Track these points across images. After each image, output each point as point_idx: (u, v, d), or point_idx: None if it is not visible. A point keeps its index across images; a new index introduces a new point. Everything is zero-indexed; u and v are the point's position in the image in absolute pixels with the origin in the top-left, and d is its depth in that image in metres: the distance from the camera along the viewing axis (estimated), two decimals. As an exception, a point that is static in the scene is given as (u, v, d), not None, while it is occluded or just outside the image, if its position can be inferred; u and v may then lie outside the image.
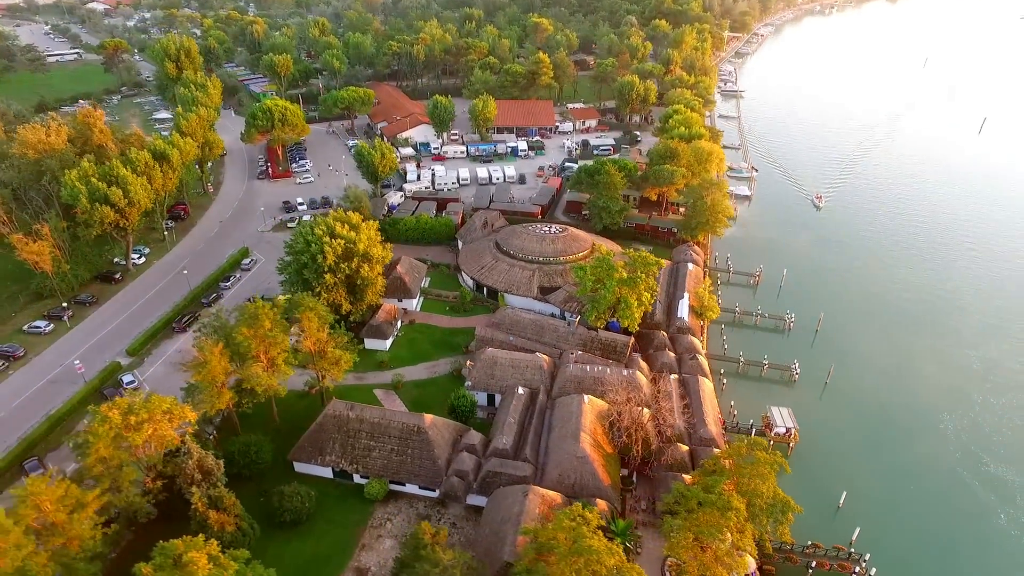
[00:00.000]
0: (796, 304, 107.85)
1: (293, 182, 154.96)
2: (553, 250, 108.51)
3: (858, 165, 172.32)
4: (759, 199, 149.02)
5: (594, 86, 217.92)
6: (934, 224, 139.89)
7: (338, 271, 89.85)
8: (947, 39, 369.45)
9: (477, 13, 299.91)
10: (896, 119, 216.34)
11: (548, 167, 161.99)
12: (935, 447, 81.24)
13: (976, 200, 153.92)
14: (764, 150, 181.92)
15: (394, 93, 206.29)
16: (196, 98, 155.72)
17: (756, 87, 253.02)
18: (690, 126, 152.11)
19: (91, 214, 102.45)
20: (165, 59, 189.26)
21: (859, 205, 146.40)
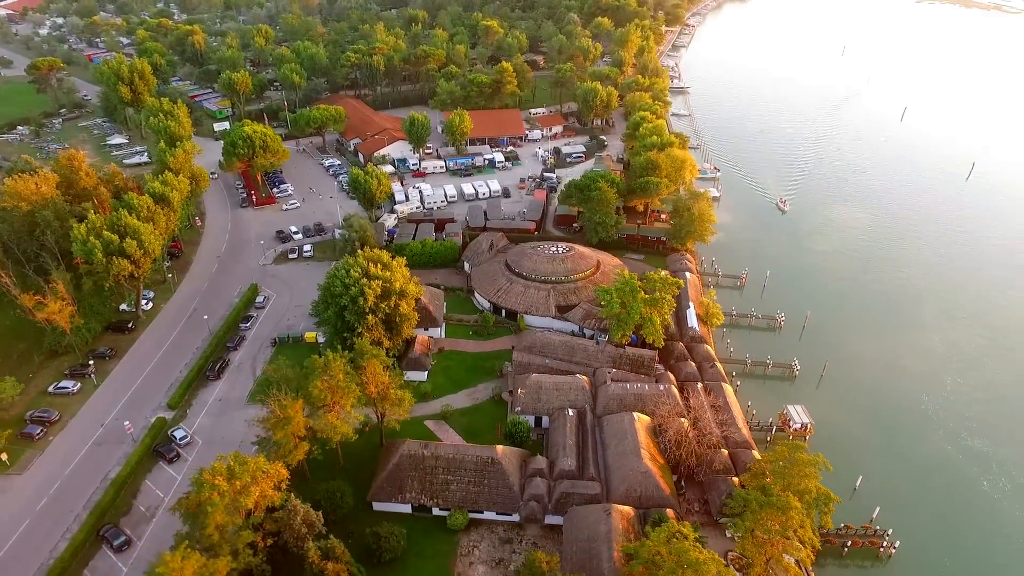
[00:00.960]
0: (781, 303, 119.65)
1: (279, 209, 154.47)
2: (564, 269, 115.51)
3: (810, 163, 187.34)
4: (726, 201, 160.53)
5: (553, 90, 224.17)
6: (882, 218, 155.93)
7: (378, 311, 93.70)
8: (856, 23, 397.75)
9: (421, 15, 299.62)
10: (834, 111, 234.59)
11: (529, 178, 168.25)
12: (922, 427, 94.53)
13: (912, 190, 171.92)
14: (719, 148, 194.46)
15: (359, 106, 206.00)
16: (168, 127, 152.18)
17: (699, 81, 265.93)
18: (660, 134, 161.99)
19: (108, 268, 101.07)
20: (118, 83, 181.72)
21: (818, 207, 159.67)
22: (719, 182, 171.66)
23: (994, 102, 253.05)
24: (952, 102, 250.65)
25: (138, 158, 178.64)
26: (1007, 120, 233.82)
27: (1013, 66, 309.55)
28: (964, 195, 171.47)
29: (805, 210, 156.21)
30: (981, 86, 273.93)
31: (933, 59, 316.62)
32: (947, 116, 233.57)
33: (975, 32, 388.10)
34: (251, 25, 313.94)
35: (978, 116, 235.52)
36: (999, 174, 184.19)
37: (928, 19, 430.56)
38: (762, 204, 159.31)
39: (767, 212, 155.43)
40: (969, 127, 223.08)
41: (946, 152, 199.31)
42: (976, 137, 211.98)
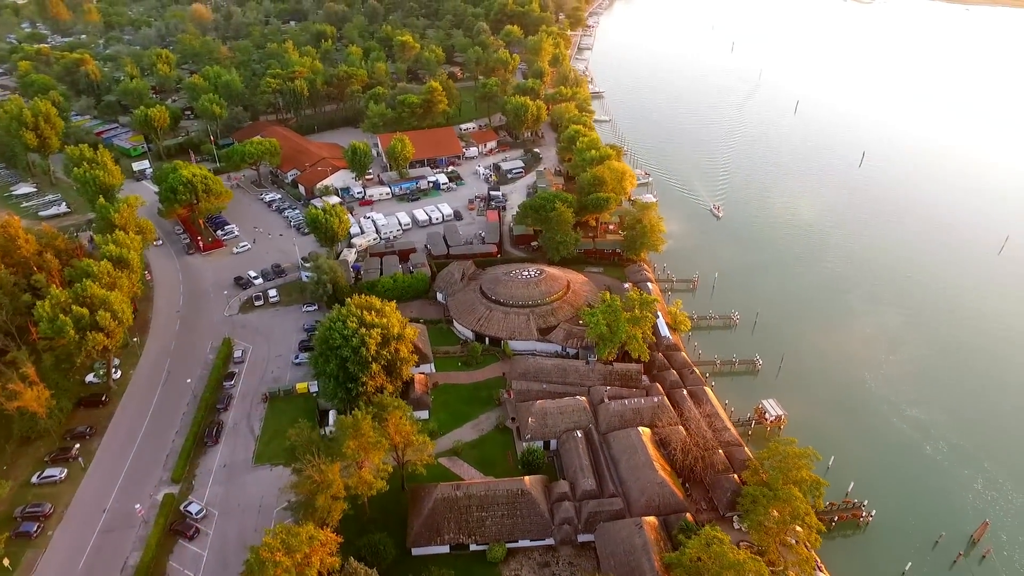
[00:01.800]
0: (732, 302, 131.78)
1: (229, 252, 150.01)
2: (539, 292, 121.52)
3: (728, 162, 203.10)
4: (663, 208, 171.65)
5: (480, 104, 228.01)
6: (800, 212, 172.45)
7: (380, 358, 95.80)
8: (733, 12, 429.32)
9: (329, 30, 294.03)
10: (738, 109, 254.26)
11: (477, 199, 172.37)
12: (870, 404, 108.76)
13: (816, 181, 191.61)
14: (643, 152, 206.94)
15: (287, 134, 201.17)
16: (96, 177, 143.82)
17: (609, 83, 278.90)
18: (597, 147, 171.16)
19: (81, 344, 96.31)
20: (22, 129, 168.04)
21: (747, 210, 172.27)
22: (652, 187, 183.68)
23: (871, 87, 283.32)
24: (835, 91, 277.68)
25: (55, 208, 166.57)
26: (887, 104, 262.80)
27: (877, 52, 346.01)
28: (861, 180, 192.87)
29: (737, 214, 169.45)
30: (859, 73, 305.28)
31: (811, 49, 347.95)
32: (833, 105, 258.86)
33: (838, 22, 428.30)
34: (144, 49, 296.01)
35: (861, 103, 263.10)
36: (887, 157, 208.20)
37: (792, 9, 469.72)
38: (697, 210, 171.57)
39: (703, 218, 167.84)
40: (855, 115, 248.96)
41: (838, 141, 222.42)
42: (863, 125, 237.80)
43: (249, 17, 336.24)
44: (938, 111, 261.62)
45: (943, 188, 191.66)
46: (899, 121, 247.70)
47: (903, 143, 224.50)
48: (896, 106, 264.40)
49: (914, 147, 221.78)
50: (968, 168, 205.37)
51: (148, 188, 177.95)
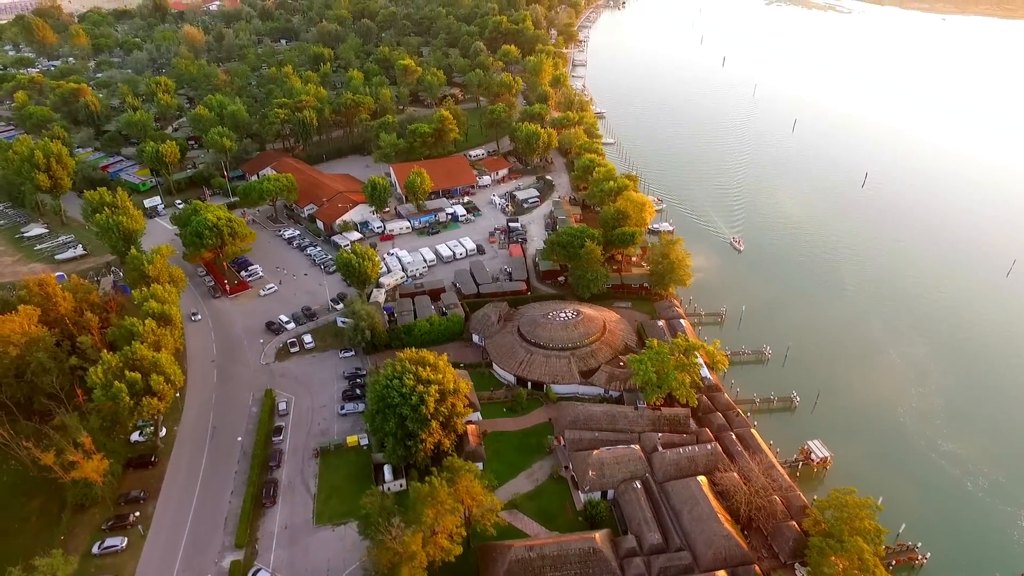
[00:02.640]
0: (759, 336, 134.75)
1: (256, 294, 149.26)
2: (578, 335, 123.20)
3: (738, 186, 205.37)
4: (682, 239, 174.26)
5: (486, 129, 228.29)
6: (815, 242, 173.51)
7: (438, 415, 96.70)
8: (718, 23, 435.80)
9: (327, 52, 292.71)
10: (739, 127, 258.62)
11: (497, 231, 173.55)
12: (907, 441, 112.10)
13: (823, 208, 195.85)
14: (652, 175, 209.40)
15: (298, 166, 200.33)
16: (120, 224, 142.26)
17: (608, 101, 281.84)
18: (614, 177, 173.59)
19: (137, 410, 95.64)
20: (34, 171, 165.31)
21: (766, 241, 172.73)
22: (666, 213, 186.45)
23: (864, 101, 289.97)
24: (830, 106, 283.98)
25: (72, 251, 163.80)
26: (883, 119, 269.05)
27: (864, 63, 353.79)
28: (865, 202, 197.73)
29: (756, 244, 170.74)
30: (849, 86, 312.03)
31: (800, 62, 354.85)
32: (830, 122, 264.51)
33: (820, 31, 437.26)
34: (137, 74, 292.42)
35: (856, 118, 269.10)
36: (888, 175, 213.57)
37: (779, 19, 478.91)
38: (715, 241, 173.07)
39: (723, 250, 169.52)
40: (852, 131, 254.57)
41: (839, 160, 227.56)
42: (861, 142, 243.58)
43: (242, 39, 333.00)
44: (932, 124, 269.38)
45: (945, 206, 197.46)
46: (896, 136, 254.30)
47: (902, 160, 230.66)
48: (891, 120, 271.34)
49: (913, 164, 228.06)
50: (969, 185, 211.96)
51: (162, 225, 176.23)
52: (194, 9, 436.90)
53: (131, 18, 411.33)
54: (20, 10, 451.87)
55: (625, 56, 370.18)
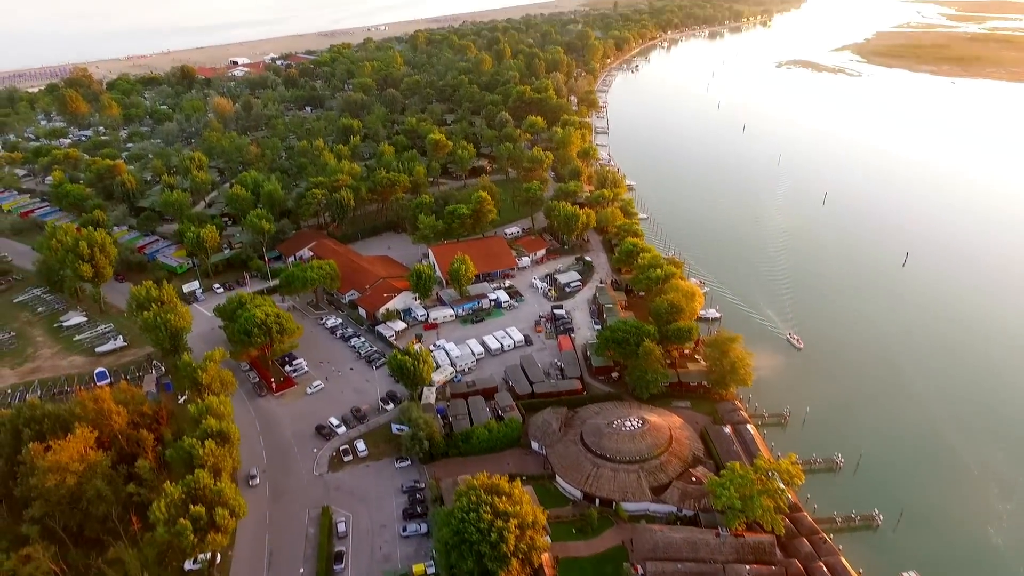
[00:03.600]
0: (824, 441, 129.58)
1: (302, 393, 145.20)
2: (646, 446, 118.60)
3: (785, 271, 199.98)
4: (729, 327, 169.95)
5: (521, 207, 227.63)
6: (874, 336, 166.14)
7: (518, 551, 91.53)
8: (734, 89, 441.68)
9: (356, 124, 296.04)
10: (768, 198, 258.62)
11: (543, 320, 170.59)
12: (1004, 568, 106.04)
13: (871, 291, 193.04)
14: (693, 256, 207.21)
15: (337, 248, 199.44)
16: (168, 322, 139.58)
17: (636, 171, 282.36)
18: (660, 265, 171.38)
19: (200, 547, 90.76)
20: (77, 262, 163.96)
21: (826, 335, 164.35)
22: (711, 296, 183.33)
23: (891, 167, 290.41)
24: (857, 175, 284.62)
25: (112, 343, 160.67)
26: (912, 186, 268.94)
27: (882, 126, 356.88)
28: (909, 285, 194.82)
29: (814, 340, 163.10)
30: (872, 151, 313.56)
31: (819, 127, 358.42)
32: (861, 197, 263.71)
33: (833, 95, 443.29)
34: (168, 146, 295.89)
35: (894, 192, 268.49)
36: (930, 254, 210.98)
37: (792, 82, 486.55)
38: (772, 337, 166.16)
39: (781, 347, 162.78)
40: (888, 207, 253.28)
41: (876, 237, 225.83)
42: (894, 214, 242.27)
43: (271, 109, 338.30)
44: (963, 192, 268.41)
45: (990, 285, 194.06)
46: (930, 207, 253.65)
47: (941, 233, 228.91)
48: (925, 191, 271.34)
49: (954, 238, 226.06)
50: (1012, 260, 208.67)
51: (201, 312, 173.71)
52: (220, 76, 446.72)
53: (159, 85, 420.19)
54: (50, 76, 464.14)
55: (645, 122, 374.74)
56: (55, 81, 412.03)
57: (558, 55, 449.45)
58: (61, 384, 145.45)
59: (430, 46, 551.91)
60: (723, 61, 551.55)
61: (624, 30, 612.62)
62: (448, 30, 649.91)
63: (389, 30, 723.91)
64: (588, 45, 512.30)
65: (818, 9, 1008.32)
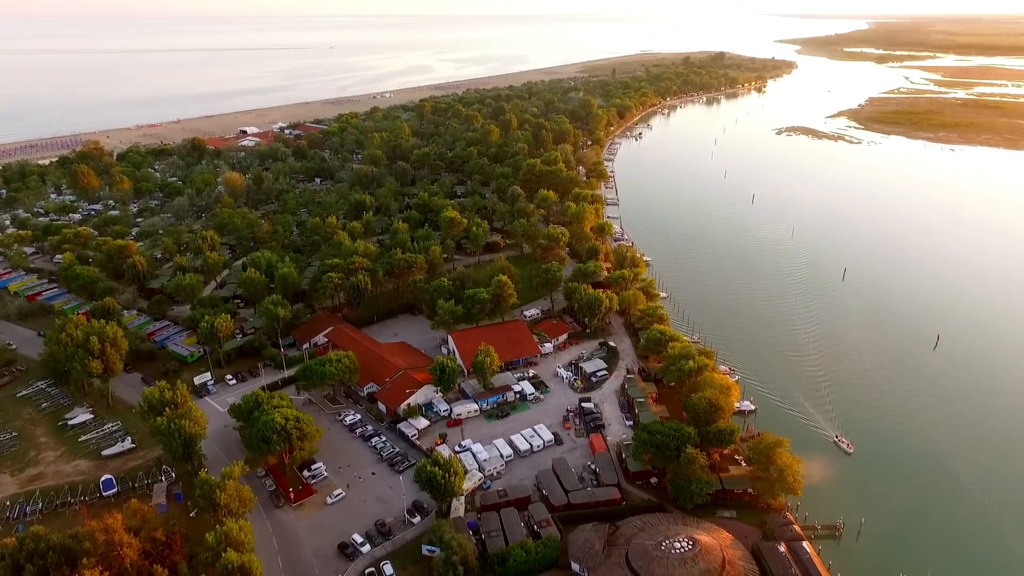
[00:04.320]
0: (887, 559, 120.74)
1: (322, 502, 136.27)
2: (699, 571, 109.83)
3: (821, 362, 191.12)
4: (765, 423, 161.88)
5: (541, 289, 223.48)
6: (929, 438, 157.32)
7: None
8: (735, 154, 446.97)
9: (367, 200, 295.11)
10: (787, 276, 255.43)
11: (571, 415, 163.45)
12: None
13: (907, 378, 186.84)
14: (717, 340, 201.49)
15: (353, 335, 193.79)
16: (182, 428, 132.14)
17: (648, 245, 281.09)
18: (692, 355, 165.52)
19: None
20: (87, 358, 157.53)
21: (879, 438, 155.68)
22: (743, 386, 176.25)
23: (903, 238, 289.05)
24: (877, 253, 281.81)
25: (119, 445, 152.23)
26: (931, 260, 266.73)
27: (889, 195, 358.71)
28: (945, 371, 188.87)
29: (865, 443, 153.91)
30: (882, 221, 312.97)
31: (828, 197, 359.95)
32: (880, 272, 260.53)
33: (836, 162, 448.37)
34: (179, 222, 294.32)
35: (901, 262, 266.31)
36: (960, 336, 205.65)
37: (793, 150, 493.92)
38: (816, 439, 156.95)
39: (828, 451, 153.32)
40: (908, 281, 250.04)
41: (901, 316, 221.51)
42: (922, 295, 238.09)
43: (282, 183, 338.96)
44: (983, 263, 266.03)
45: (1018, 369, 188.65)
46: (952, 280, 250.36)
47: (968, 309, 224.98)
48: (941, 260, 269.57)
49: (982, 313, 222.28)
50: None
51: (213, 407, 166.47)
52: (230, 147, 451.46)
53: (169, 156, 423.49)
54: (62, 147, 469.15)
55: (653, 192, 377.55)
56: (66, 153, 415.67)
57: (564, 125, 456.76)
58: (64, 495, 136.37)
59: (436, 115, 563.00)
60: (724, 129, 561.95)
61: (625, 98, 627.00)
62: (453, 98, 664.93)
63: (394, 97, 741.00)
64: (592, 114, 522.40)
65: (808, 75, 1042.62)
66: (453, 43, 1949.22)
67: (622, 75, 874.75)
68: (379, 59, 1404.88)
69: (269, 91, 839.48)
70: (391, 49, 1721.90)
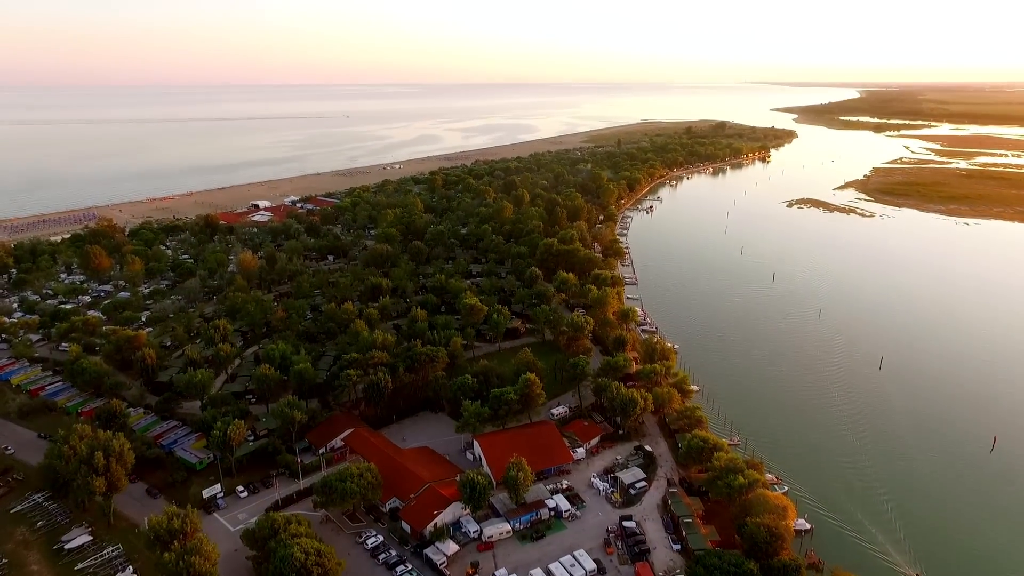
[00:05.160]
0: None
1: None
2: None
3: (876, 471, 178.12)
4: (822, 542, 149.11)
5: (569, 384, 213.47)
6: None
7: None
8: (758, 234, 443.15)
9: (384, 283, 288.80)
10: (826, 363, 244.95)
11: (612, 537, 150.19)
12: None
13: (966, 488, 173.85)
14: (763, 446, 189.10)
15: (374, 440, 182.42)
16: (192, 565, 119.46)
17: (672, 329, 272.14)
18: (739, 469, 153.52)
19: None
20: (91, 475, 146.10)
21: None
22: (791, 497, 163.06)
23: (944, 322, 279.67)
24: (916, 338, 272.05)
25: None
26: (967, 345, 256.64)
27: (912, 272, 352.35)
28: (1006, 476, 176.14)
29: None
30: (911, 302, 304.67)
31: (855, 275, 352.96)
32: (923, 359, 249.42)
33: (850, 236, 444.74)
34: (190, 307, 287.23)
35: (956, 356, 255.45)
36: (1014, 439, 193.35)
37: (806, 223, 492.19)
38: (885, 571, 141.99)
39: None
40: (952, 369, 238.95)
41: (956, 419, 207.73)
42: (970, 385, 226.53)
43: (295, 264, 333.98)
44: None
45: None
46: (1002, 370, 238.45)
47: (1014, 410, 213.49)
48: (978, 345, 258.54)
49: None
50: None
51: (222, 525, 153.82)
52: (243, 223, 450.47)
53: (181, 232, 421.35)
54: (74, 221, 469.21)
55: (670, 269, 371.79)
56: (79, 229, 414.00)
57: (578, 201, 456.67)
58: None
59: (447, 187, 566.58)
60: (734, 202, 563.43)
61: (633, 170, 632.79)
62: (462, 170, 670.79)
63: (404, 168, 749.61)
64: (602, 188, 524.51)
65: (809, 144, 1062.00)
66: (458, 112, 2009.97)
67: (627, 145, 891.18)
68: (388, 128, 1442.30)
69: (280, 162, 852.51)
70: (399, 119, 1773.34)
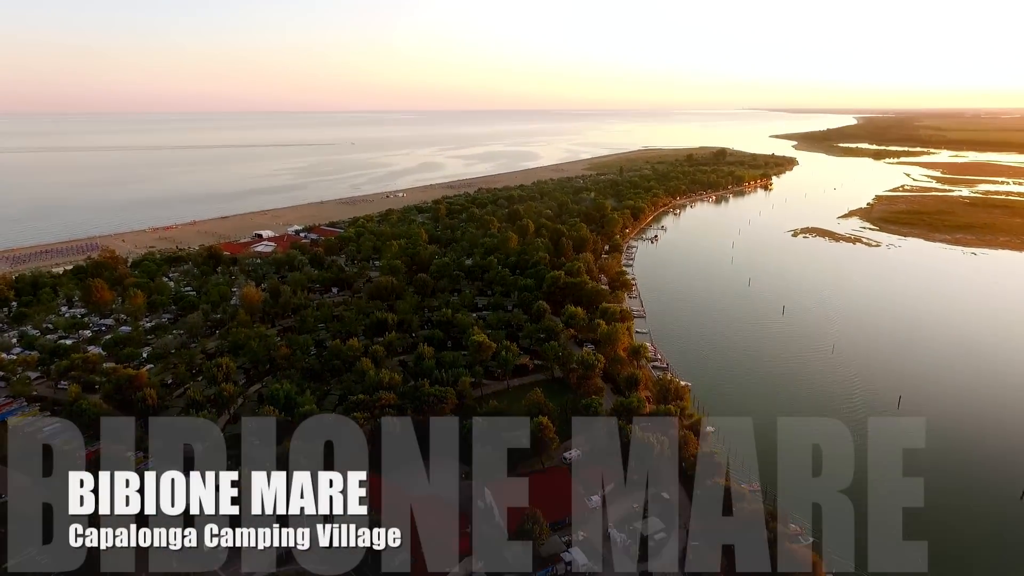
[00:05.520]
0: None
1: None
2: None
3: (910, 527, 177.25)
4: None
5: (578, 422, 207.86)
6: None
7: None
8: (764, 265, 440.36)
9: (390, 318, 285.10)
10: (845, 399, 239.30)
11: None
12: None
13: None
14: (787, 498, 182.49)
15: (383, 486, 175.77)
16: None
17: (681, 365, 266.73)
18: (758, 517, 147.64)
19: None
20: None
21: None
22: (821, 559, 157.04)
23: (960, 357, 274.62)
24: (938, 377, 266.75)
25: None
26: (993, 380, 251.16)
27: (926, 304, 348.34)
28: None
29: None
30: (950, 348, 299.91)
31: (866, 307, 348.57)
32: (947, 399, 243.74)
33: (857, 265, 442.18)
34: (193, 343, 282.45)
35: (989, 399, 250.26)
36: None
37: (813, 253, 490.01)
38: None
39: None
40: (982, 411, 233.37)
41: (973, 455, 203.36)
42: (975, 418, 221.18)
43: (299, 298, 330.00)
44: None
45: None
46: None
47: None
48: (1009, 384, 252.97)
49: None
50: None
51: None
52: (246, 254, 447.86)
53: (184, 263, 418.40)
54: (77, 251, 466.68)
55: (677, 301, 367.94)
56: (81, 261, 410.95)
57: (583, 231, 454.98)
58: None
59: (451, 217, 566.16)
60: (739, 231, 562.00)
61: (637, 199, 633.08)
62: (465, 198, 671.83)
63: (407, 196, 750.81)
64: (607, 217, 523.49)
65: (810, 171, 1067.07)
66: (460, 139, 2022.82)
67: (629, 172, 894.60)
68: (390, 156, 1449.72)
69: (283, 190, 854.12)
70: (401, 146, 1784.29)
